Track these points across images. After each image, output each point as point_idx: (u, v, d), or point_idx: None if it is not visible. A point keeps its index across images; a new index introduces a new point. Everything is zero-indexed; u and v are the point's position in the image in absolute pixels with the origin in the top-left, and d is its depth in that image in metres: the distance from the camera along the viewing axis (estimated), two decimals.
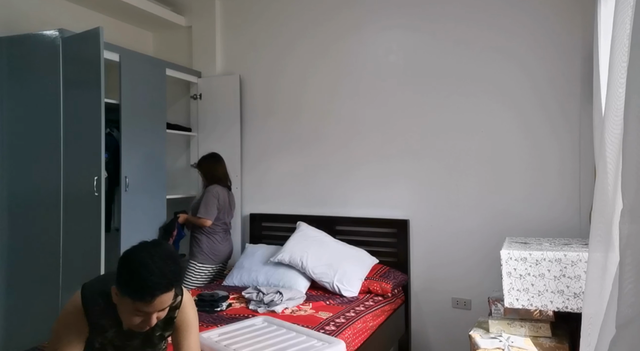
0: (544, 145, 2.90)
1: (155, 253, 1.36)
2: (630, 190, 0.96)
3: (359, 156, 3.43)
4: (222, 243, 3.37)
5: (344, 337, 2.25)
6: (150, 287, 1.32)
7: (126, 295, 1.34)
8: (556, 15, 2.85)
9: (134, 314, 1.37)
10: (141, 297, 1.33)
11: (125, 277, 1.35)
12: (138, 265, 1.33)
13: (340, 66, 3.50)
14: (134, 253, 1.38)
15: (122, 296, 1.36)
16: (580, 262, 2.02)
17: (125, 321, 1.42)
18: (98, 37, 2.68)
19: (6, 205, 2.97)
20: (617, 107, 1.18)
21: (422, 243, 3.24)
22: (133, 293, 1.33)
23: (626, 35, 1.13)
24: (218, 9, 3.98)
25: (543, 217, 2.87)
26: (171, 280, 1.37)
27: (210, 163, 3.42)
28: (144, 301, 1.33)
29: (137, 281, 1.32)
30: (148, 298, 1.33)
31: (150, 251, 1.37)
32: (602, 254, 1.28)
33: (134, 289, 1.32)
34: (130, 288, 1.33)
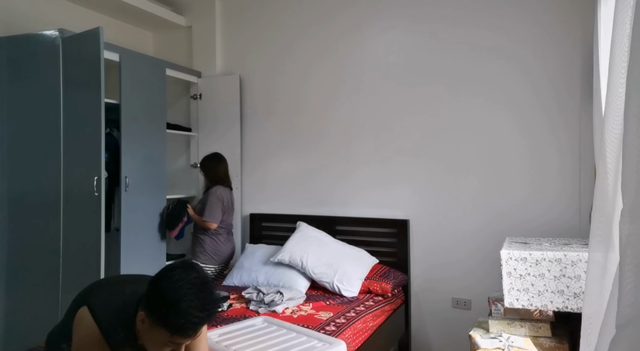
0: (544, 145, 2.90)
1: (193, 283, 1.28)
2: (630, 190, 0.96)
3: (359, 156, 3.43)
4: (225, 243, 3.37)
5: (344, 337, 2.25)
6: (193, 323, 1.25)
7: (164, 329, 1.27)
8: (556, 15, 2.85)
9: (166, 345, 1.31)
10: (183, 333, 1.27)
11: (163, 310, 1.26)
12: (178, 299, 1.24)
13: (340, 66, 3.50)
14: (170, 282, 1.28)
15: (157, 327, 1.28)
16: (580, 262, 2.02)
17: (151, 349, 1.36)
18: (98, 37, 2.67)
19: (6, 205, 2.97)
20: (617, 107, 1.18)
21: (422, 243, 3.24)
22: (174, 328, 1.26)
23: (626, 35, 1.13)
24: (218, 9, 3.98)
25: (543, 217, 2.87)
26: (211, 313, 1.31)
27: (212, 164, 3.41)
28: (185, 336, 1.28)
29: (179, 316, 1.24)
30: (191, 333, 1.28)
31: (188, 280, 1.28)
32: (602, 254, 1.28)
33: (176, 325, 1.25)
34: (170, 323, 1.25)
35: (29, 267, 2.90)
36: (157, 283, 1.31)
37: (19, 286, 2.92)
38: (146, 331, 1.32)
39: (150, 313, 1.29)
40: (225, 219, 3.36)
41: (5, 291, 2.95)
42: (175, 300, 1.24)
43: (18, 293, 2.92)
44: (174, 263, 1.38)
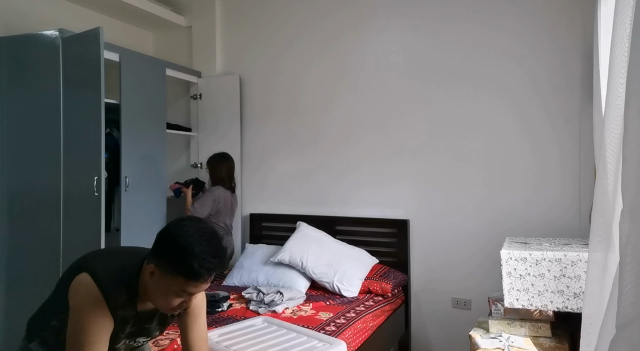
0: (544, 145, 2.90)
1: (204, 231, 1.30)
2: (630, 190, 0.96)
3: (359, 156, 3.43)
4: None
5: (344, 337, 2.25)
6: (207, 268, 1.26)
7: (178, 275, 1.26)
8: (556, 16, 2.85)
9: (177, 295, 1.29)
10: (198, 276, 1.25)
11: (176, 256, 1.26)
12: (192, 243, 1.26)
13: (340, 66, 3.50)
14: (182, 230, 1.29)
15: (169, 275, 1.27)
16: (580, 262, 2.02)
17: (161, 304, 1.34)
18: (98, 37, 2.67)
19: (6, 205, 2.97)
20: (617, 107, 1.18)
21: (422, 243, 3.24)
22: (188, 273, 1.25)
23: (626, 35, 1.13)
24: (218, 9, 3.98)
25: (543, 217, 2.87)
26: (222, 260, 1.31)
27: (216, 162, 3.41)
28: (200, 280, 1.27)
29: (193, 259, 1.24)
30: (206, 277, 1.27)
31: (198, 229, 1.30)
32: (602, 254, 1.28)
33: (191, 268, 1.24)
34: (184, 267, 1.25)
35: (29, 267, 2.89)
36: (168, 232, 1.31)
37: (19, 286, 2.92)
38: (156, 284, 1.30)
39: (162, 263, 1.28)
40: (222, 219, 3.35)
41: (5, 291, 2.95)
42: (189, 244, 1.26)
43: (18, 293, 2.92)
44: (181, 217, 1.38)
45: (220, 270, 1.32)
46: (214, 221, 3.31)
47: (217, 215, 3.31)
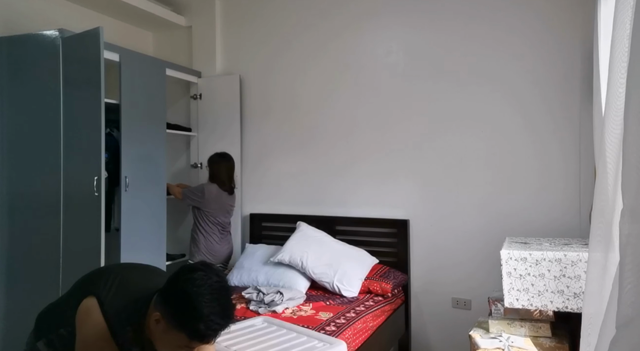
0: (544, 145, 2.90)
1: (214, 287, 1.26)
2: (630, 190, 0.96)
3: (359, 156, 3.43)
4: (219, 243, 3.38)
5: (344, 337, 2.25)
6: (214, 330, 1.24)
7: (182, 333, 1.23)
8: (556, 15, 2.85)
9: (181, 348, 1.28)
10: (203, 338, 1.24)
11: (183, 314, 1.23)
12: (200, 304, 1.22)
13: (340, 65, 3.50)
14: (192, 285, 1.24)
15: (174, 330, 1.25)
16: (580, 262, 2.02)
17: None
18: (98, 37, 2.67)
19: (6, 205, 2.97)
20: (617, 107, 1.18)
21: (422, 243, 3.24)
22: (193, 333, 1.23)
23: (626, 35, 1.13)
24: (218, 9, 3.98)
25: (543, 217, 2.87)
26: (231, 320, 1.29)
27: (215, 163, 3.42)
28: (205, 341, 1.26)
29: (200, 321, 1.21)
30: (211, 339, 1.26)
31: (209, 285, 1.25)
32: (602, 254, 1.28)
33: (196, 330, 1.22)
34: (190, 327, 1.22)
35: (29, 267, 2.89)
36: (177, 284, 1.27)
37: (19, 286, 2.92)
38: (161, 333, 1.28)
39: (168, 315, 1.25)
40: (216, 217, 3.36)
41: (5, 291, 2.95)
42: (197, 304, 1.21)
43: (18, 293, 2.92)
44: (195, 265, 1.34)
45: (227, 328, 1.29)
46: (208, 218, 3.32)
47: (209, 212, 3.32)
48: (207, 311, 1.22)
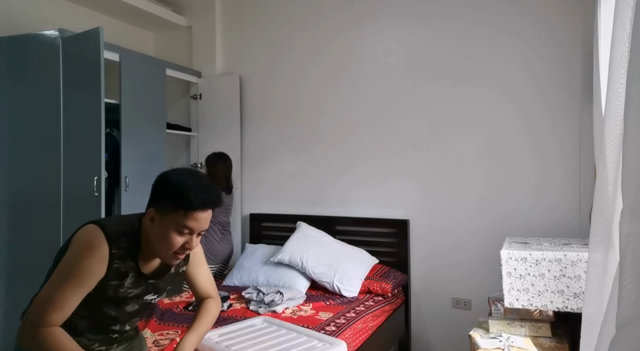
0: (544, 145, 2.90)
1: (194, 173, 1.41)
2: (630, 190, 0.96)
3: (359, 155, 3.43)
4: (220, 243, 3.37)
5: (344, 337, 2.25)
6: (202, 197, 1.33)
7: (177, 209, 1.32)
8: (556, 15, 2.85)
9: (178, 233, 1.34)
10: (195, 206, 1.32)
11: (173, 193, 1.34)
12: (185, 180, 1.35)
13: (340, 65, 3.50)
14: (174, 173, 1.40)
15: (168, 215, 1.33)
16: (580, 262, 2.02)
17: (164, 249, 1.37)
18: (98, 37, 2.68)
19: (6, 205, 2.97)
20: (617, 107, 1.18)
21: (422, 243, 3.24)
22: (186, 203, 1.31)
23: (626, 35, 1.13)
24: (218, 9, 3.98)
25: (543, 217, 2.87)
26: (215, 194, 1.39)
27: (213, 163, 3.42)
28: (198, 211, 1.33)
29: (188, 191, 1.32)
30: (202, 207, 1.33)
31: (190, 172, 1.41)
32: (602, 254, 1.28)
33: (187, 200, 1.31)
34: (182, 199, 1.32)
35: (29, 267, 2.89)
36: (161, 178, 1.39)
37: (19, 287, 2.92)
38: (157, 228, 1.36)
39: (160, 204, 1.35)
40: (216, 217, 3.36)
41: (5, 292, 2.95)
42: (183, 181, 1.35)
43: (18, 293, 2.92)
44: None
45: (214, 205, 1.38)
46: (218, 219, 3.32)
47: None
48: (193, 184, 1.35)
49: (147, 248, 1.42)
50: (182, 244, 1.36)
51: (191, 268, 1.63)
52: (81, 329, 1.42)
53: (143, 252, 1.43)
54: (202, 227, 1.38)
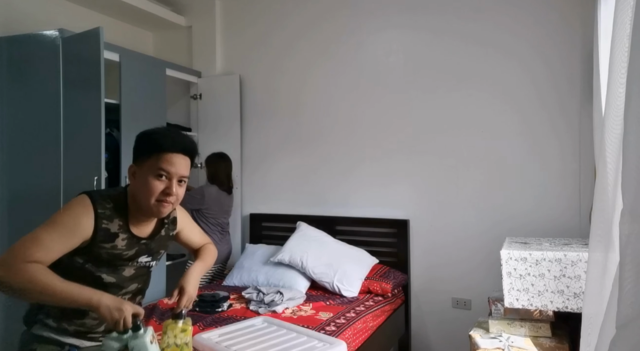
0: (544, 145, 2.90)
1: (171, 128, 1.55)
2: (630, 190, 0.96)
3: (359, 156, 3.43)
4: (219, 243, 3.37)
5: (344, 337, 2.25)
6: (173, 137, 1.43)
7: (151, 154, 1.40)
8: (556, 15, 2.85)
9: (157, 178, 1.40)
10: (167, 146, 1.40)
11: (147, 140, 1.43)
12: (160, 129, 1.47)
13: (340, 66, 3.50)
14: (146, 130, 1.48)
15: (145, 164, 1.41)
16: (580, 262, 2.02)
17: (146, 197, 1.41)
18: (98, 37, 2.68)
19: (6, 205, 2.97)
20: (617, 107, 1.18)
21: (422, 243, 3.24)
22: (158, 145, 1.40)
23: (626, 35, 1.13)
24: (218, 9, 3.98)
25: (543, 217, 2.87)
26: (189, 143, 1.47)
27: (213, 163, 3.43)
28: (171, 151, 1.40)
29: (161, 135, 1.42)
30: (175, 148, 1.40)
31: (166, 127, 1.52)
32: (602, 254, 1.28)
33: (158, 142, 1.40)
34: (153, 143, 1.41)
35: None
36: (138, 134, 1.48)
37: None
38: (138, 180, 1.43)
39: (137, 157, 1.45)
40: (216, 218, 3.36)
41: None
42: (155, 130, 1.47)
43: None
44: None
45: (185, 147, 1.44)
46: (208, 219, 3.32)
47: (210, 214, 3.32)
48: (163, 130, 1.48)
49: (134, 208, 1.47)
50: (162, 190, 1.41)
51: (182, 232, 1.70)
52: (83, 309, 1.43)
53: (131, 213, 1.47)
54: (178, 172, 1.42)
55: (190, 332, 1.42)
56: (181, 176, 1.44)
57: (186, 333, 1.39)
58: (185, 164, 1.45)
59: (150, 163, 1.40)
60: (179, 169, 1.42)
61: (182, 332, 1.39)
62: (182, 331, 1.39)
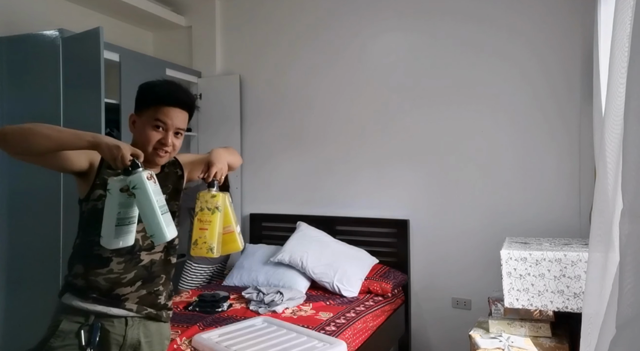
0: (544, 145, 2.90)
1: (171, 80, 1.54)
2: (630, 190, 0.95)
3: (360, 156, 3.43)
4: None
5: (344, 337, 2.25)
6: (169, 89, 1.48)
7: (149, 104, 1.45)
8: (556, 15, 2.85)
9: (154, 128, 1.44)
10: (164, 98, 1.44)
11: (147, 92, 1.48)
12: (160, 81, 1.51)
13: (340, 66, 3.50)
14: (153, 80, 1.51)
15: (144, 114, 1.46)
16: (580, 262, 2.02)
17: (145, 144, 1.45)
18: (98, 37, 2.68)
19: (6, 205, 2.97)
20: (617, 107, 1.18)
21: (422, 243, 3.24)
22: (154, 97, 1.45)
23: (626, 35, 1.13)
24: (218, 9, 3.98)
25: (543, 217, 2.87)
26: (190, 99, 1.52)
27: None
28: (167, 103, 1.44)
29: (161, 88, 1.47)
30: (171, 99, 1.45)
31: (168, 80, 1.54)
32: (602, 254, 1.28)
33: (159, 94, 1.45)
34: (155, 95, 1.46)
35: (29, 268, 2.89)
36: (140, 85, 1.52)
37: (19, 287, 2.92)
38: (138, 128, 1.48)
39: (136, 107, 1.49)
40: None
41: (5, 292, 2.95)
42: (155, 82, 1.50)
43: (18, 293, 2.92)
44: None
45: (180, 100, 1.48)
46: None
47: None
48: (162, 82, 1.50)
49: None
50: (159, 139, 1.46)
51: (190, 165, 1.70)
52: (106, 256, 1.45)
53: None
54: (175, 124, 1.47)
55: (221, 198, 1.48)
56: (177, 128, 1.49)
57: (216, 199, 1.46)
58: (183, 117, 1.50)
59: (149, 114, 1.45)
60: (175, 121, 1.47)
61: (212, 198, 1.46)
62: (212, 197, 1.46)
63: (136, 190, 1.27)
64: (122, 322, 1.46)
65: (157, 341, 1.55)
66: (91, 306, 1.43)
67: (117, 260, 1.46)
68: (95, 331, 1.42)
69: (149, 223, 1.29)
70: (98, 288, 1.44)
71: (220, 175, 1.53)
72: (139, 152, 1.32)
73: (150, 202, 1.28)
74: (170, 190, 1.59)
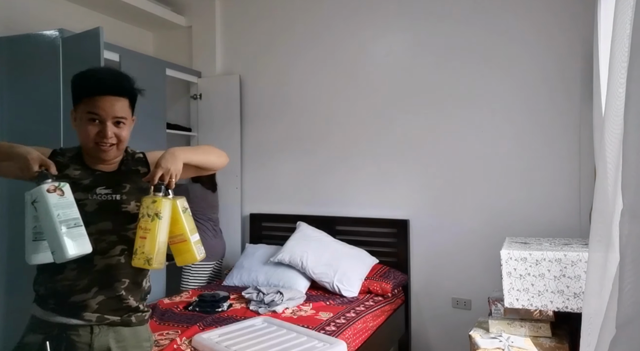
0: (545, 145, 2.90)
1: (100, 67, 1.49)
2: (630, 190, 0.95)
3: (360, 156, 3.43)
4: (213, 239, 3.42)
5: (344, 337, 2.25)
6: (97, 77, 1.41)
7: (81, 96, 1.38)
8: (556, 15, 2.85)
9: (90, 122, 1.38)
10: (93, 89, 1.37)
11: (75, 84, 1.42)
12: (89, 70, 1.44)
13: (341, 66, 3.50)
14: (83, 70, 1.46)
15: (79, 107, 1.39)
16: (580, 262, 2.02)
17: (84, 138, 1.41)
18: (98, 37, 2.67)
19: (6, 205, 2.97)
20: (617, 107, 1.18)
21: (422, 243, 3.24)
22: (84, 89, 1.38)
23: (626, 35, 1.13)
24: (218, 9, 3.98)
25: (543, 217, 2.87)
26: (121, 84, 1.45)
27: None
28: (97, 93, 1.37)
29: (86, 78, 1.40)
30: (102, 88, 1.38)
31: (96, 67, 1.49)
32: (602, 254, 1.28)
33: (85, 85, 1.39)
34: (81, 87, 1.40)
35: (29, 267, 2.88)
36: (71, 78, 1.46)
37: (19, 287, 2.92)
38: (78, 124, 1.42)
39: (73, 100, 1.42)
40: (205, 214, 3.42)
41: (5, 292, 2.95)
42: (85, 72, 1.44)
43: (18, 293, 2.92)
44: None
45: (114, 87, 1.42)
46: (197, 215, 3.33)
47: (198, 210, 3.33)
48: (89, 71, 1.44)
49: (85, 152, 1.47)
50: (96, 133, 1.40)
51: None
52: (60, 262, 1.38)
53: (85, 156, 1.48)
54: (109, 113, 1.39)
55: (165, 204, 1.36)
56: (116, 117, 1.42)
57: (156, 204, 1.34)
58: (120, 105, 1.42)
59: (82, 107, 1.39)
60: (110, 111, 1.39)
61: (153, 203, 1.35)
62: (153, 203, 1.35)
63: (36, 203, 1.22)
64: (87, 331, 1.39)
65: (132, 345, 1.46)
66: (52, 318, 1.40)
67: (70, 267, 1.39)
68: (59, 343, 1.38)
69: (49, 239, 1.22)
70: (56, 296, 1.40)
71: (168, 178, 1.41)
72: (48, 162, 1.28)
73: (49, 217, 1.20)
74: (127, 189, 1.49)
